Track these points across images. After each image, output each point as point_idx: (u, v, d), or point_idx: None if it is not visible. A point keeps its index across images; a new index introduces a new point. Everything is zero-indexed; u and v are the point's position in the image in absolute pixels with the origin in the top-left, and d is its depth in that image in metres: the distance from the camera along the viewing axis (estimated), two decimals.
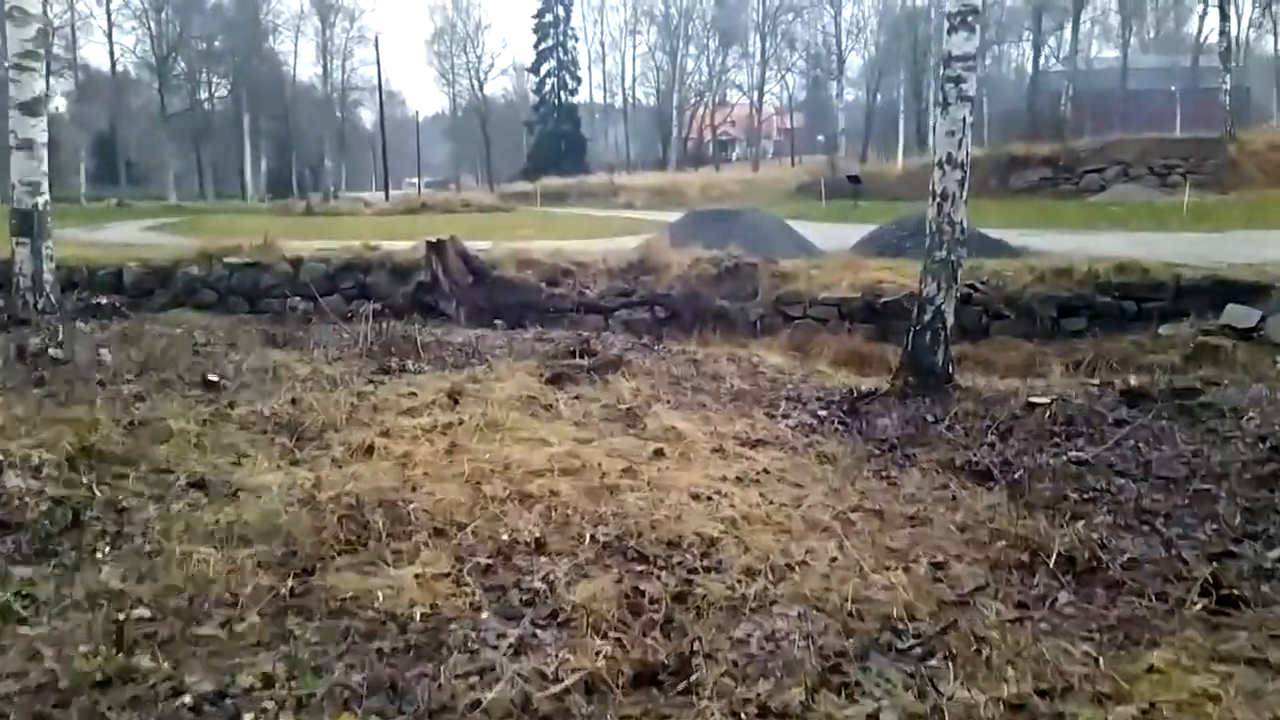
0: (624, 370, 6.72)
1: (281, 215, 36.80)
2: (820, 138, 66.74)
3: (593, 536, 3.67)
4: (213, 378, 5.87)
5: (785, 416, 5.89)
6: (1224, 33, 33.85)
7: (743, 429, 5.49)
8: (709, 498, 4.18)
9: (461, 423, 5.22)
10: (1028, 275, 14.82)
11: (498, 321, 11.74)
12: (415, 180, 72.31)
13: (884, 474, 4.72)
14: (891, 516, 4.05)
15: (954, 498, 4.29)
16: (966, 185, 6.18)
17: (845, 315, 14.83)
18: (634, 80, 74.44)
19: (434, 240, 15.59)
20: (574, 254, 16.99)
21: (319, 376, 6.34)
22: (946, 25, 6.23)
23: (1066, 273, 14.68)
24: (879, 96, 61.64)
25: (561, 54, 70.34)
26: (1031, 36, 52.67)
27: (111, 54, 58.74)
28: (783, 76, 67.20)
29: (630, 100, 75.11)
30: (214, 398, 5.52)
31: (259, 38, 62.94)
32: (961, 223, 6.24)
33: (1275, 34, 59.03)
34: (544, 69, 70.77)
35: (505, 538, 3.63)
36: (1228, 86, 31.25)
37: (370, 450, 4.68)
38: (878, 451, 5.13)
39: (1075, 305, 14.36)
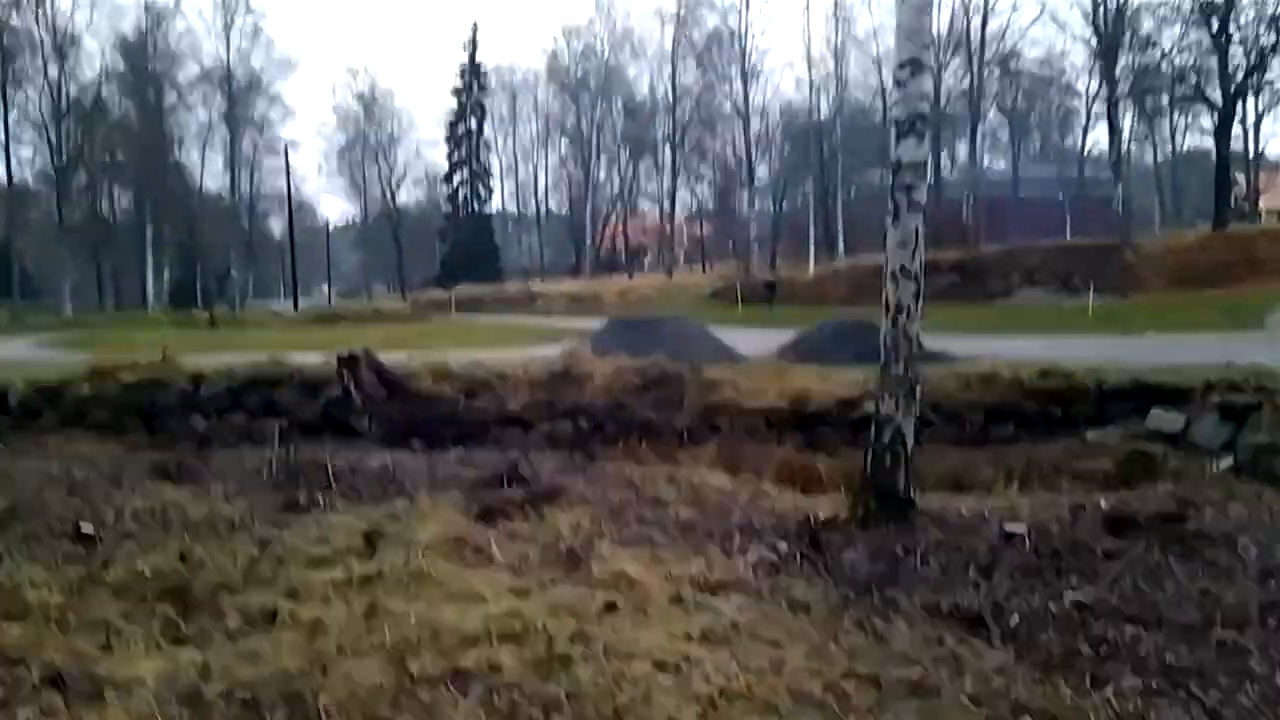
0: (560, 501, 6.11)
1: (184, 327, 35.47)
2: (730, 244, 67.96)
3: None
4: (87, 528, 5.08)
5: (742, 552, 5.33)
6: (1114, 144, 35.59)
7: (699, 570, 4.91)
8: (677, 667, 3.57)
9: (381, 575, 4.54)
10: (953, 382, 14.69)
11: (415, 441, 11.00)
12: (325, 288, 71.20)
13: (866, 625, 4.17)
14: (890, 685, 3.50)
15: (954, 656, 3.76)
16: (921, 298, 5.84)
17: (774, 424, 14.46)
18: (546, 189, 75.29)
19: (346, 354, 14.90)
20: (493, 364, 16.39)
21: (216, 519, 5.58)
22: (894, 132, 5.97)
23: (992, 379, 14.59)
24: (784, 205, 63.20)
25: (474, 164, 70.82)
26: (932, 148, 54.67)
27: (8, 165, 57.00)
28: (692, 186, 68.61)
29: (543, 209, 75.81)
30: (87, 554, 4.72)
31: (164, 149, 61.84)
32: (917, 337, 5.88)
33: (1154, 146, 62.70)
34: (457, 179, 71.10)
35: None
36: (1121, 195, 32.67)
37: (273, 617, 3.96)
38: (852, 595, 4.59)
39: (1003, 411, 14.23)
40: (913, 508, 5.84)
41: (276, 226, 70.69)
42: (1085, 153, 59.05)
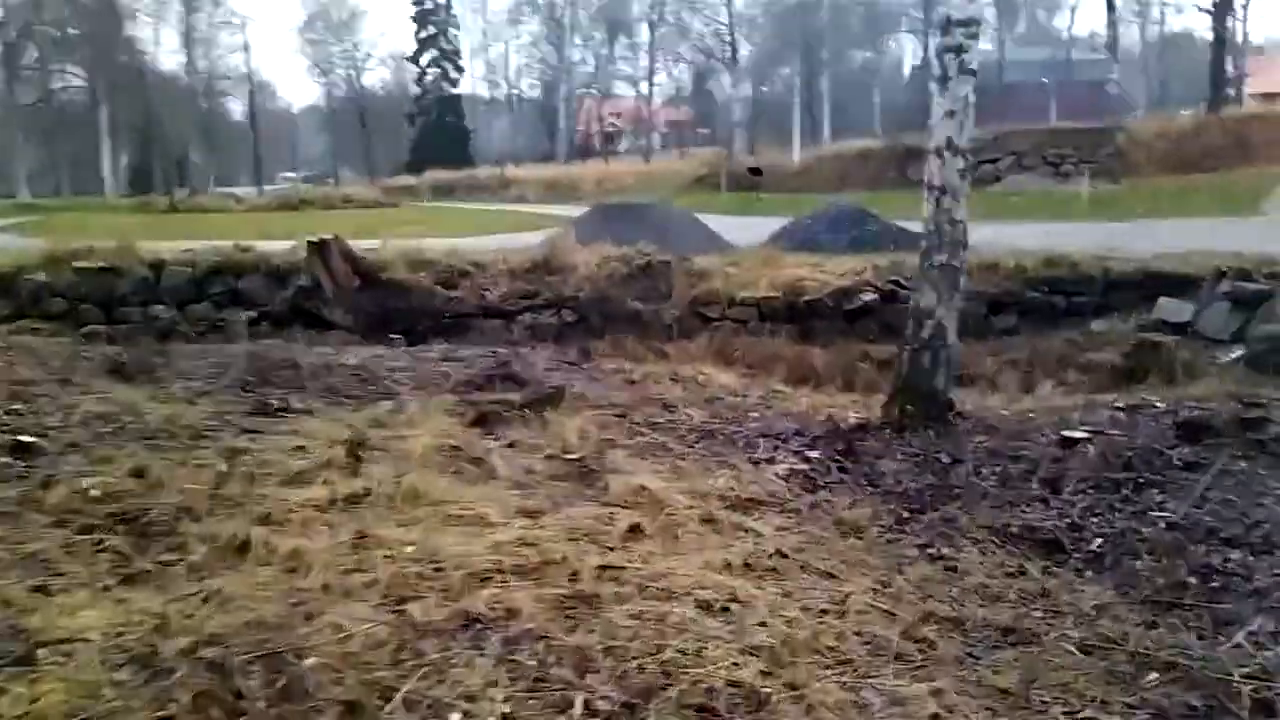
0: (561, 404, 5.52)
1: (143, 213, 34.08)
2: (706, 130, 66.22)
3: (586, 704, 2.48)
4: (27, 439, 4.42)
5: (770, 462, 4.78)
6: (1112, 24, 34.43)
7: (726, 484, 4.36)
8: (725, 609, 3.03)
9: (369, 493, 3.94)
10: None
11: (394, 336, 10.33)
12: (291, 175, 69.09)
13: (931, 550, 3.65)
14: (978, 629, 2.98)
15: (1044, 591, 3.24)
16: (967, 176, 5.18)
17: (766, 316, 13.91)
18: (518, 72, 72.75)
19: (316, 240, 14.09)
20: (471, 253, 15.63)
21: (176, 426, 4.94)
22: None
23: (993, 267, 14.03)
24: (765, 88, 61.39)
25: (443, 43, 68.05)
26: (922, 29, 53.01)
27: None
28: (670, 69, 66.49)
29: (515, 92, 73.40)
30: (26, 470, 4.08)
31: (116, 25, 58.76)
32: (964, 222, 5.23)
33: (1142, 28, 61.17)
34: (425, 59, 68.32)
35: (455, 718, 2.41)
36: (1116, 77, 31.70)
37: (245, 549, 3.37)
38: (905, 513, 4.06)
39: (1005, 302, 13.73)
40: (952, 411, 5.30)
41: (237, 109, 68.15)
42: (1071, 34, 57.60)
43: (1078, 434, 4.65)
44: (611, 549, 3.51)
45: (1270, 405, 5.15)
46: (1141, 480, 4.13)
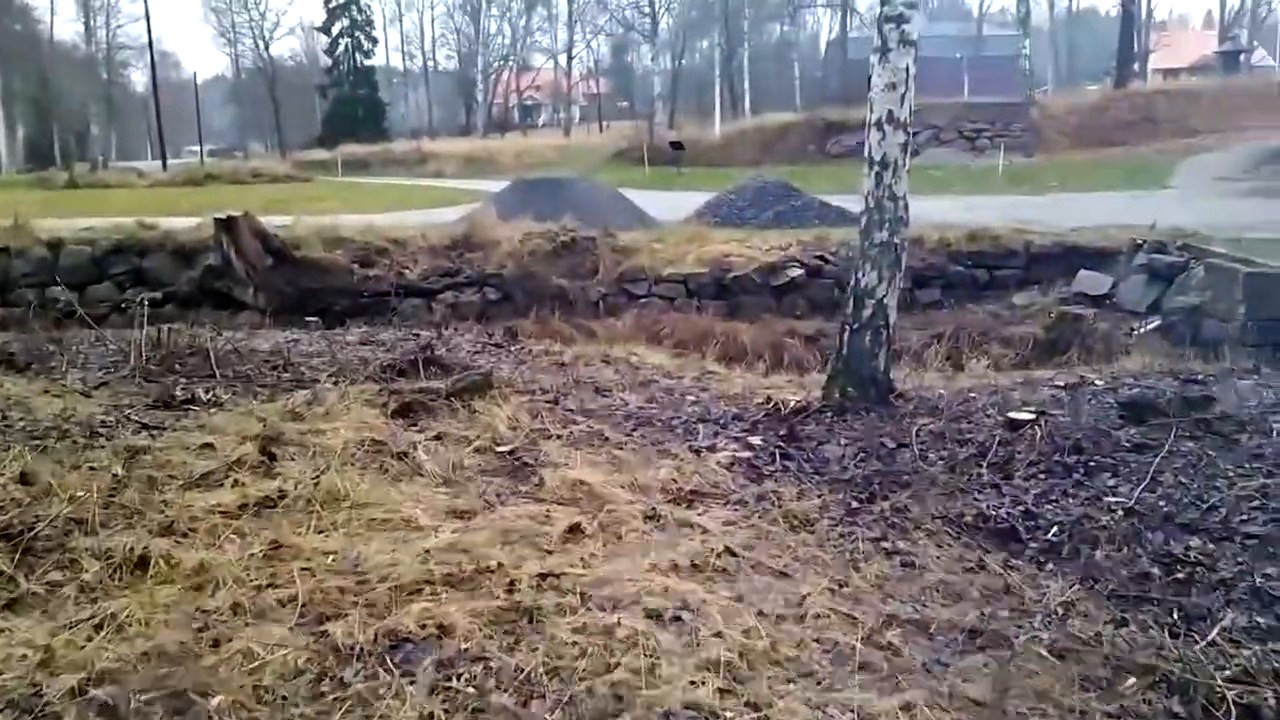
0: (489, 390, 5.23)
1: (41, 189, 32.47)
2: (624, 103, 65.64)
3: None
4: None
5: (712, 450, 4.59)
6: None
7: (668, 475, 4.15)
8: (677, 618, 2.82)
9: (284, 497, 3.64)
10: None
11: (309, 319, 9.88)
12: (196, 148, 66.65)
13: (885, 544, 3.48)
14: (942, 631, 2.81)
15: (1007, 588, 3.10)
16: (909, 150, 5.03)
17: (694, 292, 13.77)
18: (434, 42, 71.23)
19: (224, 216, 13.48)
20: (388, 229, 15.13)
21: (69, 423, 4.55)
22: None
23: (918, 242, 14.03)
24: (684, 61, 61.04)
25: (355, 13, 66.13)
26: (839, 3, 53.13)
27: None
28: (589, 40, 65.72)
29: (431, 64, 71.88)
30: None
31: None
32: (904, 197, 5.08)
33: (1050, 4, 62.38)
34: (336, 28, 66.29)
35: None
36: (1028, 52, 32.16)
37: (143, 565, 3.05)
38: (854, 503, 3.90)
39: (929, 275, 13.79)
40: (893, 393, 5.17)
41: (139, 80, 65.40)
42: (984, 10, 58.40)
43: (1023, 415, 4.54)
44: (550, 553, 3.27)
45: (1209, 383, 5.12)
46: (1092, 464, 4.04)
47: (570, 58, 62.87)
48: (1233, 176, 23.35)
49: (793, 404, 5.11)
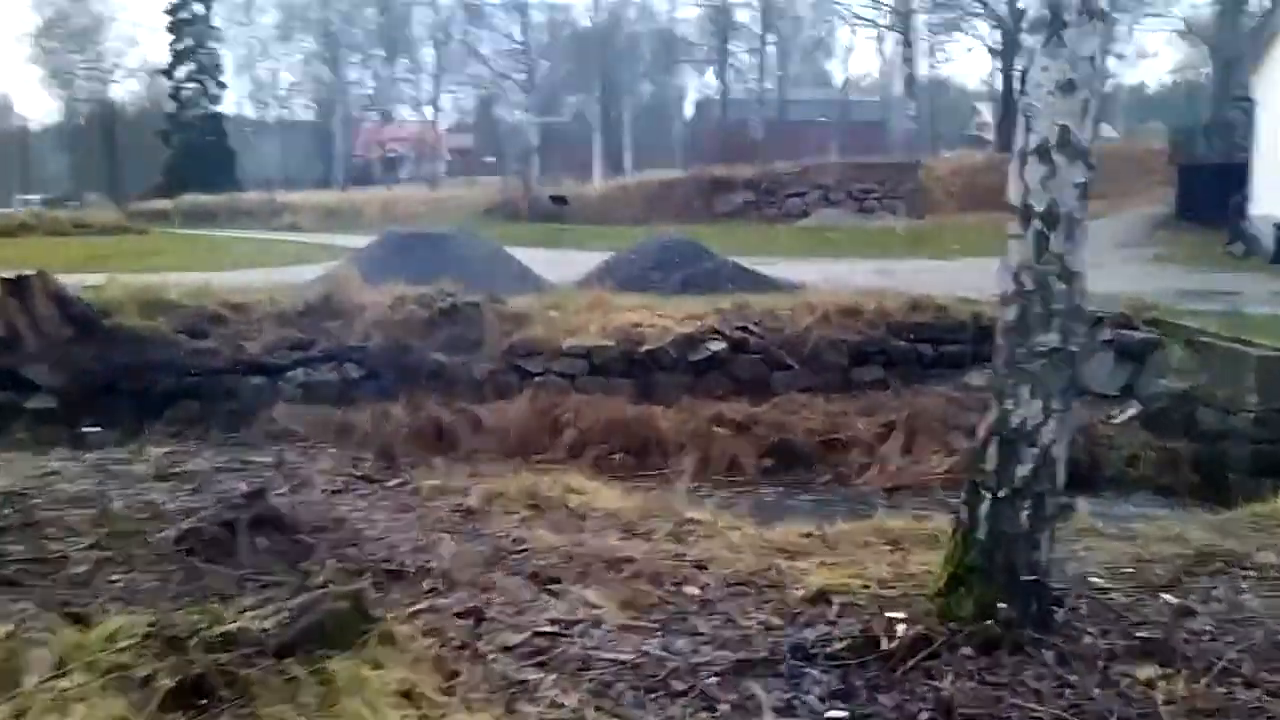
0: (368, 634, 2.90)
1: None
2: (491, 159, 63.50)
3: None
4: None
5: None
6: (909, 59, 34.58)
7: None
8: None
9: None
10: (809, 315, 12.35)
11: (89, 430, 7.27)
12: (29, 198, 61.06)
13: None
14: None
15: None
16: (1086, 195, 3.06)
17: (598, 369, 11.67)
18: (290, 91, 67.64)
19: (12, 277, 10.83)
20: (228, 291, 12.55)
21: None
22: None
23: (854, 312, 12.37)
24: (555, 116, 59.44)
25: (202, 56, 62.12)
26: (717, 62, 52.58)
27: None
28: (455, 93, 63.48)
29: (286, 113, 68.21)
30: None
31: None
32: (1082, 274, 3.10)
33: (912, 69, 63.75)
34: (181, 72, 62.10)
35: None
36: (914, 113, 31.74)
37: None
38: None
39: (869, 351, 12.04)
40: (1061, 606, 3.09)
41: None
42: (848, 77, 59.07)
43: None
44: None
45: None
46: None
47: (436, 109, 60.51)
48: (1132, 243, 22.89)
49: (900, 631, 2.96)
